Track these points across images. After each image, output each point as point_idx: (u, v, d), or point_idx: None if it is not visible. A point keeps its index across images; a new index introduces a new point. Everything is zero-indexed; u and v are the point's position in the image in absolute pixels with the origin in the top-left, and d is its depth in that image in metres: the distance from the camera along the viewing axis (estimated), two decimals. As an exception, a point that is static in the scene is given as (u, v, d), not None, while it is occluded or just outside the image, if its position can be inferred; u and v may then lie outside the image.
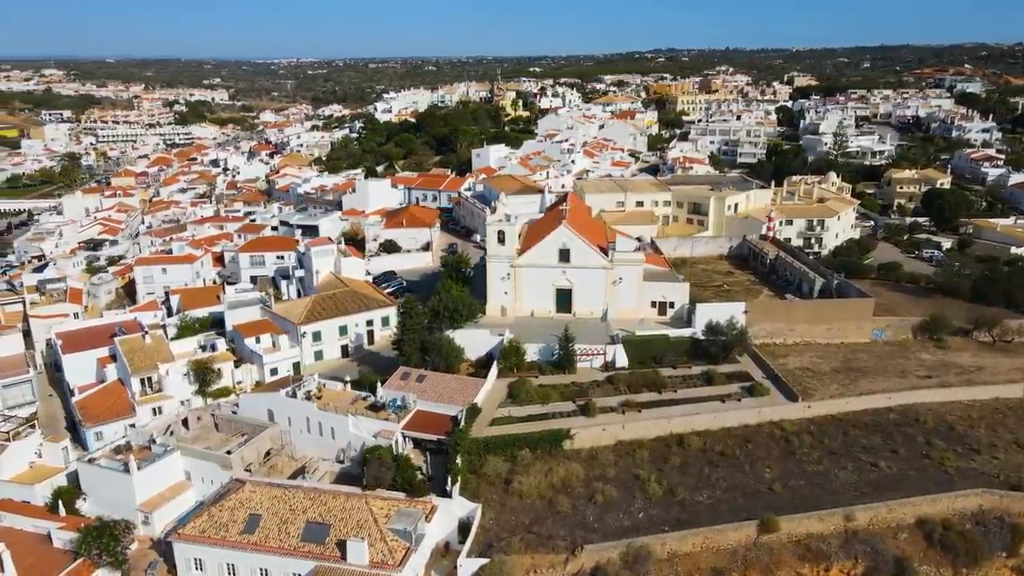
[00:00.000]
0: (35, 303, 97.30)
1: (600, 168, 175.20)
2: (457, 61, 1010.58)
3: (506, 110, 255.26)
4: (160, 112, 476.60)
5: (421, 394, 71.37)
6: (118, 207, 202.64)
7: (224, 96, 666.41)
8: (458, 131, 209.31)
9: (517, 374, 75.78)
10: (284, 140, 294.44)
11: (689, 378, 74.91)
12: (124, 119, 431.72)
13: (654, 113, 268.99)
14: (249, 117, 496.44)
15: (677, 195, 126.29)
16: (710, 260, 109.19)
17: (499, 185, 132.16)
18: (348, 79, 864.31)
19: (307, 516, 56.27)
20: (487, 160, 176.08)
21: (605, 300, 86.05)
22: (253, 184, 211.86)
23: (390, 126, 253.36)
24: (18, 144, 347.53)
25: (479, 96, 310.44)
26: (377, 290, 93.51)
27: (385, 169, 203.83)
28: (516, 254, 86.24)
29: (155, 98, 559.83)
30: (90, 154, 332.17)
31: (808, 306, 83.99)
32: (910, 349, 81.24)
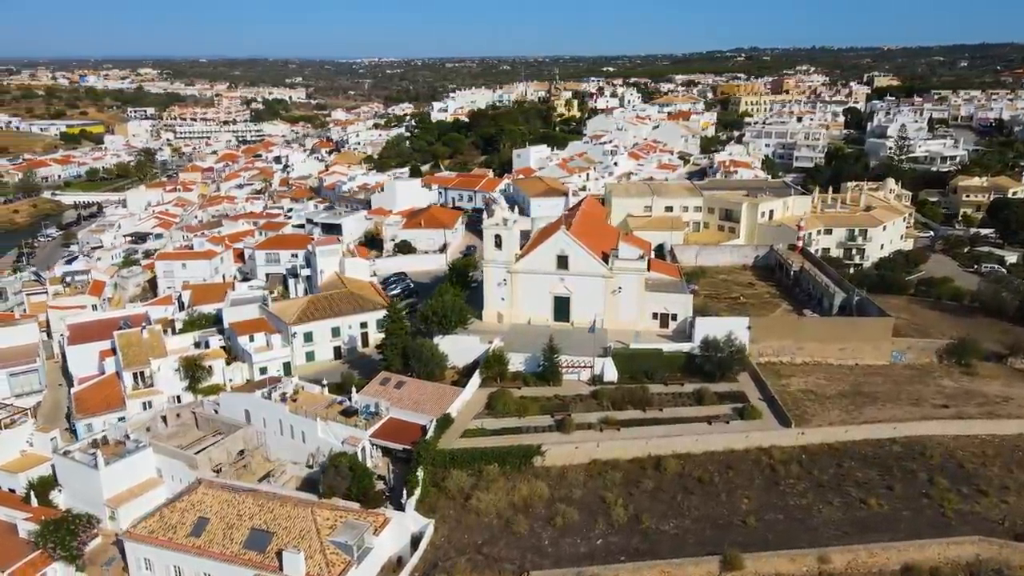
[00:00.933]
0: (59, 294, 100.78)
1: (644, 171, 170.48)
2: (533, 61, 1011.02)
3: (558, 110, 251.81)
4: (237, 110, 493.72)
5: (396, 401, 69.91)
6: (176, 201, 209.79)
7: (301, 95, 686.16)
8: (504, 131, 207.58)
9: (501, 384, 73.35)
10: (344, 138, 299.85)
11: (679, 396, 70.82)
12: (202, 116, 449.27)
13: (713, 114, 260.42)
14: (321, 115, 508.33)
15: (708, 200, 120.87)
16: (733, 270, 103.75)
17: (525, 187, 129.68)
18: (423, 78, 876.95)
19: (253, 523, 55.47)
20: (527, 161, 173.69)
21: (603, 310, 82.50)
22: (304, 181, 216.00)
23: (442, 125, 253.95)
24: (102, 139, 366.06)
25: (537, 96, 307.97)
26: (378, 291, 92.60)
27: (431, 168, 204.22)
28: (515, 259, 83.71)
29: (234, 96, 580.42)
30: (163, 150, 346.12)
31: (818, 324, 78.29)
32: (932, 374, 74.57)
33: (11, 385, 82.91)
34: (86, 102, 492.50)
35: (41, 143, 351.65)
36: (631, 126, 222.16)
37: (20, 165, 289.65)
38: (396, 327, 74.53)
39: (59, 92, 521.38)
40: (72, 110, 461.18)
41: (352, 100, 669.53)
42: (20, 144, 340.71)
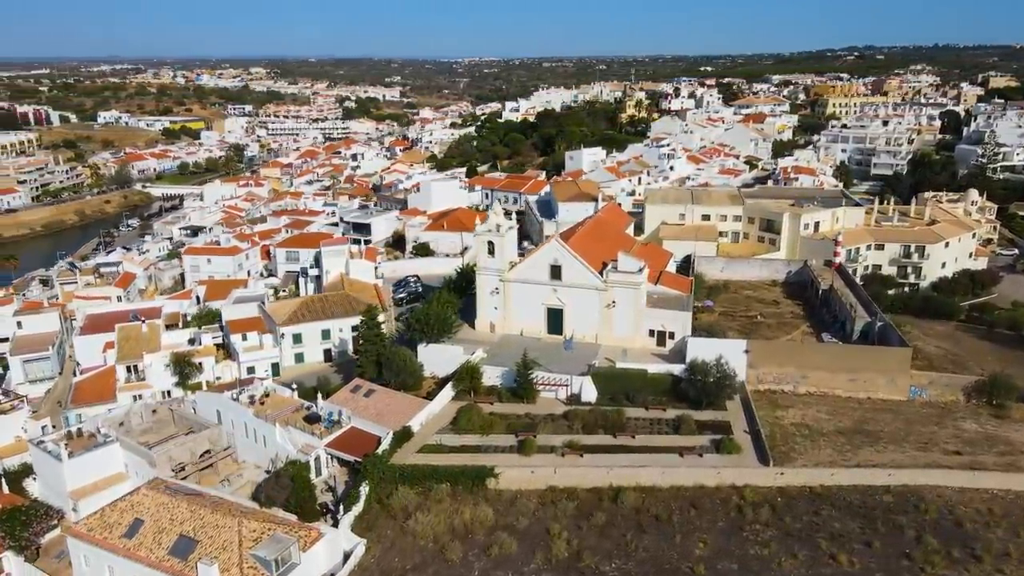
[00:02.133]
0: (89, 284, 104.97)
1: (703, 175, 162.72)
2: (633, 60, 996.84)
3: (628, 111, 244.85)
4: (330, 108, 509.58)
5: (361, 410, 68.13)
6: (246, 196, 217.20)
7: (396, 94, 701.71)
8: (562, 132, 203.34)
9: (474, 399, 70.34)
10: (419, 137, 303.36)
11: (657, 423, 65.70)
12: (295, 114, 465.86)
13: (794, 117, 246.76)
14: (409, 113, 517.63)
15: (748, 210, 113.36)
16: (761, 286, 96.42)
17: (557, 190, 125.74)
18: (517, 77, 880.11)
19: (183, 529, 54.69)
20: (580, 163, 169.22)
21: (597, 324, 78.08)
22: (368, 179, 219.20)
23: (509, 125, 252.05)
24: (199, 135, 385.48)
25: (614, 97, 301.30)
26: (379, 295, 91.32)
27: (489, 168, 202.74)
28: (508, 267, 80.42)
29: (330, 94, 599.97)
30: (250, 145, 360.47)
31: (823, 351, 70.99)
32: (953, 415, 66.19)
33: (26, 371, 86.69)
34: (192, 99, 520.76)
35: (144, 138, 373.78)
36: (700, 128, 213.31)
37: (120, 159, 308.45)
38: (371, 334, 72.76)
39: (170, 90, 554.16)
40: (179, 107, 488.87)
41: (444, 99, 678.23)
42: (125, 138, 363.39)
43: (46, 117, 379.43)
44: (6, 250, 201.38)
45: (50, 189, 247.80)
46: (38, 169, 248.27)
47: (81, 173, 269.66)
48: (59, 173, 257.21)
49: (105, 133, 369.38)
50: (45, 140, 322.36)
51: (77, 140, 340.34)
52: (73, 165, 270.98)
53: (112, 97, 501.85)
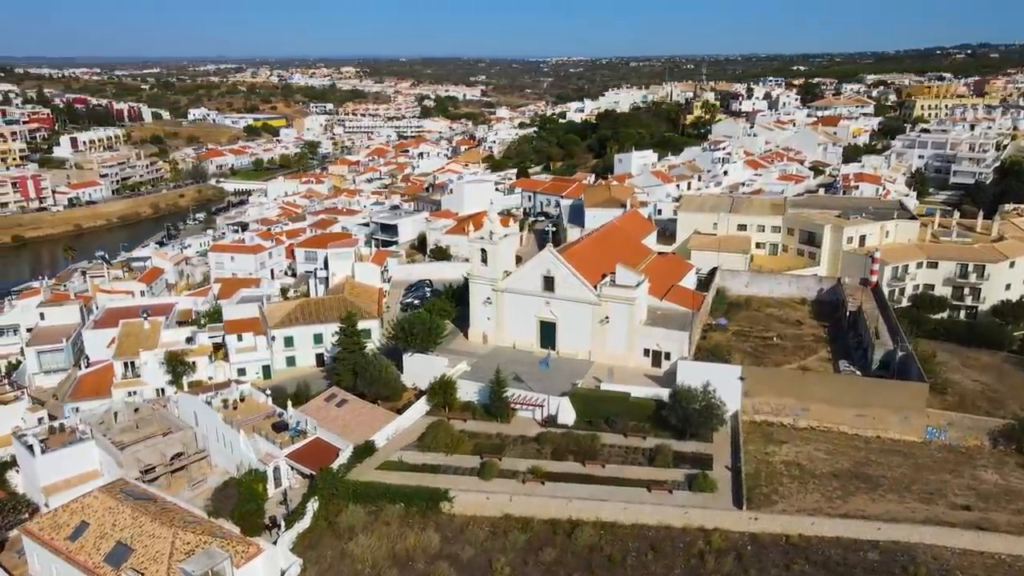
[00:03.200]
0: (117, 278, 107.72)
1: (760, 181, 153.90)
2: (724, 59, 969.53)
3: (695, 112, 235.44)
4: (408, 106, 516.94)
5: (330, 421, 66.27)
6: (305, 193, 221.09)
7: (477, 93, 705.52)
8: (616, 134, 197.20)
9: (448, 414, 67.29)
10: (484, 136, 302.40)
11: (634, 451, 60.86)
12: (372, 112, 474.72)
13: (875, 119, 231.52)
14: (486, 113, 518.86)
15: (788, 220, 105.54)
16: (787, 303, 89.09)
17: (589, 195, 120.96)
18: (600, 77, 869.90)
19: (122, 535, 53.99)
20: (628, 166, 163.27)
21: (589, 340, 73.61)
22: (423, 179, 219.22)
23: (570, 126, 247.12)
24: (278, 132, 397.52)
25: (684, 97, 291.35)
26: (380, 299, 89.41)
27: (542, 170, 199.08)
28: (502, 276, 76.88)
29: (411, 93, 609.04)
30: (324, 143, 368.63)
31: (827, 382, 64.01)
32: (973, 462, 58.39)
33: (40, 362, 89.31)
34: (279, 98, 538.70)
35: (228, 134, 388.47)
36: (766, 131, 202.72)
37: (201, 154, 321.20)
38: (349, 342, 70.69)
39: (260, 88, 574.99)
40: (265, 104, 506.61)
41: (525, 98, 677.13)
42: (209, 135, 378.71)
43: (139, 114, 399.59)
44: (84, 241, 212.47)
45: (130, 183, 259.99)
46: (119, 164, 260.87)
47: (161, 168, 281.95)
48: (140, 168, 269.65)
49: (192, 129, 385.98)
50: (135, 136, 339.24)
51: (165, 136, 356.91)
52: (153, 160, 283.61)
53: (205, 95, 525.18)
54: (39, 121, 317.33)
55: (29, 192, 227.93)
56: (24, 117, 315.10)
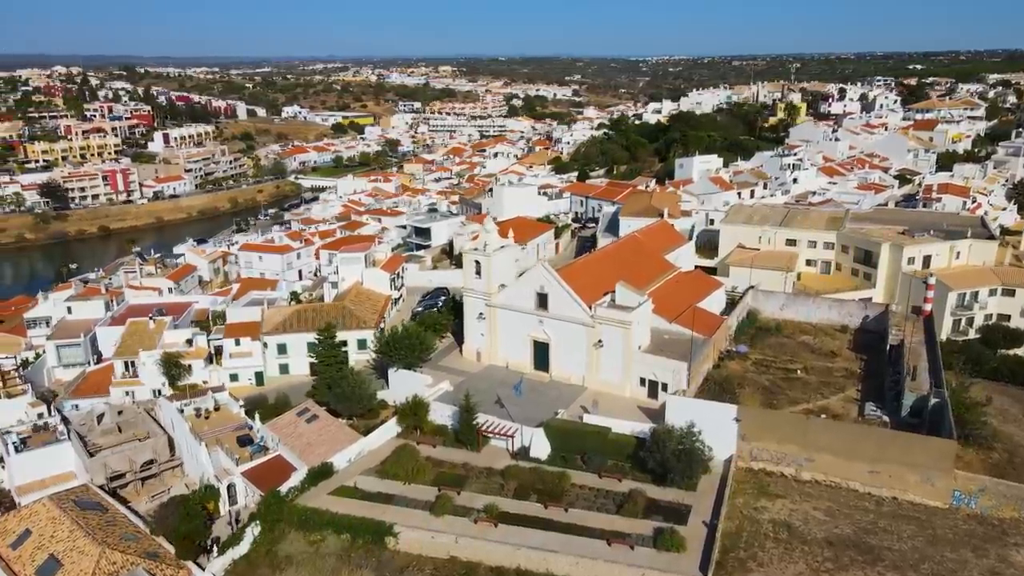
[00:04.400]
0: (150, 275, 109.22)
1: (834, 191, 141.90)
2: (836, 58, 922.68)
3: (778, 114, 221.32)
4: (495, 105, 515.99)
5: (296, 438, 63.22)
6: (371, 191, 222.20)
7: (567, 92, 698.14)
8: (683, 137, 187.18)
9: (418, 437, 62.93)
10: (559, 137, 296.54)
11: (605, 495, 54.57)
12: (458, 111, 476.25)
13: (982, 124, 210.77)
14: (574, 113, 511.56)
15: (843, 237, 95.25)
16: (826, 330, 79.60)
17: (628, 203, 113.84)
18: (698, 76, 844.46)
19: (55, 548, 52.59)
20: (689, 172, 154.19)
21: (583, 365, 67.53)
22: (487, 179, 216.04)
23: (642, 128, 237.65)
24: (363, 130, 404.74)
25: (772, 98, 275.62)
26: (383, 309, 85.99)
27: (606, 173, 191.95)
28: (496, 291, 71.82)
29: (500, 92, 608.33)
30: (403, 141, 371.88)
31: (835, 431, 55.33)
32: (1007, 538, 48.83)
33: (60, 356, 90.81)
34: (370, 96, 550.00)
35: (316, 132, 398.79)
36: (852, 135, 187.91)
37: (287, 150, 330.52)
38: (327, 355, 67.36)
39: (353, 87, 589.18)
40: (357, 103, 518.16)
41: (617, 98, 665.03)
42: (298, 132, 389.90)
43: (233, 111, 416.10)
44: (165, 233, 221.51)
45: (213, 178, 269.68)
46: (204, 159, 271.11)
47: (244, 164, 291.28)
48: (223, 163, 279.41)
49: (282, 126, 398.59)
50: (227, 133, 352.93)
51: (256, 132, 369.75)
52: (237, 156, 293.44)
53: (301, 93, 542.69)
54: (140, 118, 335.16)
55: (118, 185, 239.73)
56: (127, 114, 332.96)
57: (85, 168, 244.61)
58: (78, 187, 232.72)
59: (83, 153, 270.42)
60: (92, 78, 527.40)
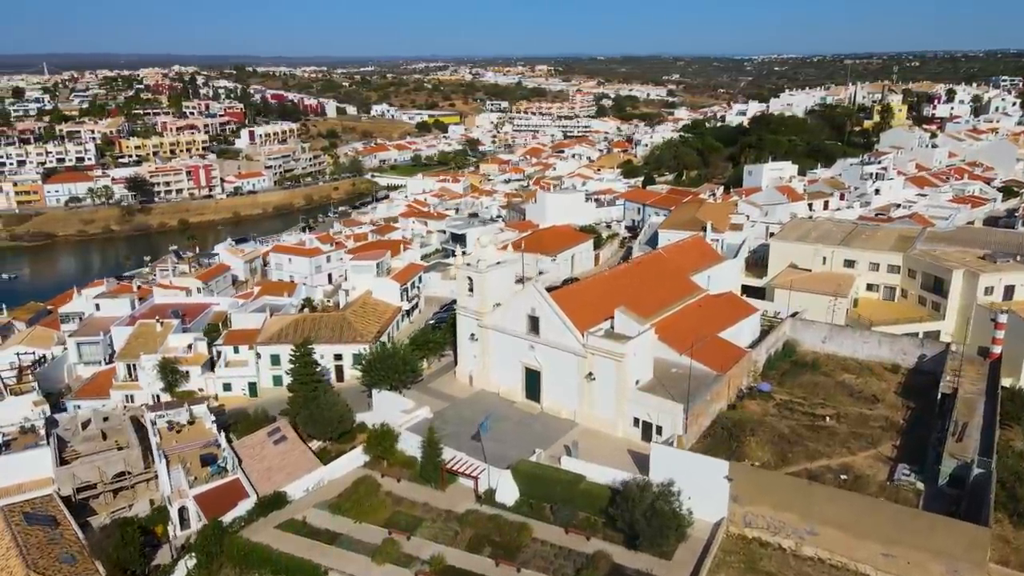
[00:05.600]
0: (184, 274, 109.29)
1: (921, 204, 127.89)
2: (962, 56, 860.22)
3: (874, 117, 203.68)
4: (583, 105, 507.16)
5: (258, 460, 59.63)
6: (438, 191, 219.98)
7: (662, 92, 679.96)
8: (759, 142, 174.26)
9: (384, 469, 57.98)
10: (640, 140, 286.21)
11: (567, 555, 47.73)
12: (545, 111, 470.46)
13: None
14: (664, 113, 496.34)
15: (910, 261, 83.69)
16: (873, 369, 69.16)
17: (674, 214, 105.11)
18: (805, 75, 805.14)
19: (-16, 565, 50.76)
20: (758, 179, 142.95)
21: (575, 397, 60.71)
22: (551, 182, 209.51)
23: (721, 131, 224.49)
24: (447, 128, 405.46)
25: (871, 99, 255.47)
26: (389, 318, 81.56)
27: (675, 179, 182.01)
28: (491, 309, 65.92)
29: (589, 92, 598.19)
30: (483, 141, 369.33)
31: (844, 502, 45.97)
32: (1049, 659, 38.98)
33: (81, 353, 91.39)
34: (459, 95, 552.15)
35: (400, 130, 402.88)
36: (954, 141, 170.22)
37: (368, 148, 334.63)
38: (302, 373, 63.33)
39: (443, 86, 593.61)
40: (445, 102, 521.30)
41: (714, 98, 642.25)
42: (383, 130, 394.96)
43: (322, 109, 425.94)
44: (240, 228, 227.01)
45: (292, 175, 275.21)
46: (284, 156, 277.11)
47: (324, 161, 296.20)
48: (303, 161, 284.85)
49: (368, 125, 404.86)
50: (313, 130, 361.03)
51: (342, 131, 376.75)
52: (317, 153, 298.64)
53: (393, 92, 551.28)
54: (232, 115, 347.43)
55: (200, 180, 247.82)
56: (221, 111, 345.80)
57: (171, 163, 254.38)
58: (163, 182, 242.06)
59: (173, 149, 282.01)
60: (199, 77, 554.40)
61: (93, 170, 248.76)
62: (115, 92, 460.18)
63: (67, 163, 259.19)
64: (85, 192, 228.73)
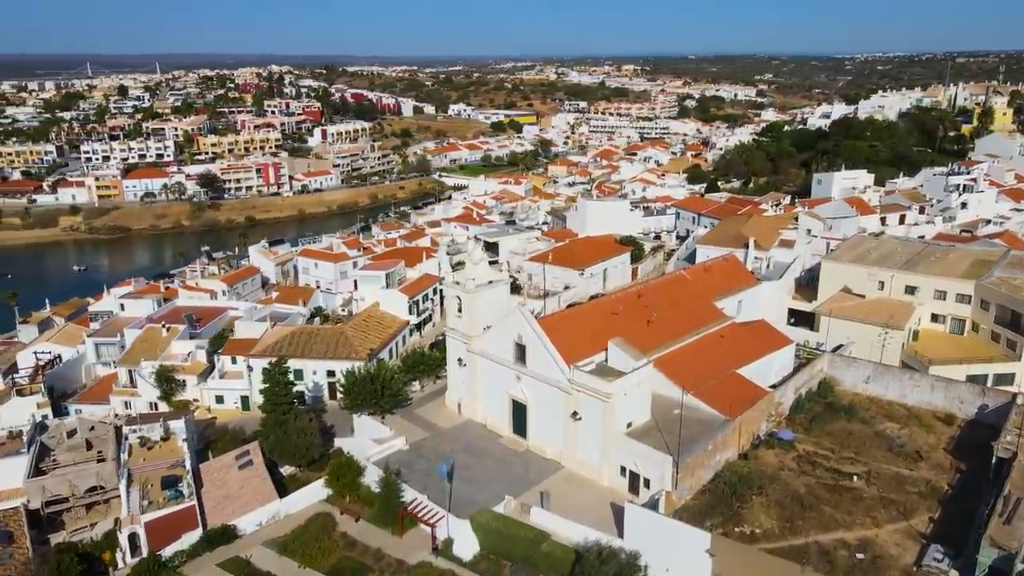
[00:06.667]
0: (212, 275, 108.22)
1: (1015, 220, 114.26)
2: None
3: (973, 121, 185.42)
4: (665, 106, 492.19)
5: (220, 486, 56.13)
6: (498, 194, 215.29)
7: (751, 92, 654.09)
8: (838, 147, 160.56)
9: (345, 505, 53.22)
10: (715, 143, 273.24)
11: (515, 630, 41.63)
12: (624, 111, 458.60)
13: None
14: (750, 115, 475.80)
15: (983, 291, 72.63)
16: (922, 418, 59.40)
17: (718, 228, 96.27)
18: (910, 74, 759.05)
19: (-74, 585, 48.88)
20: (828, 188, 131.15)
21: (561, 437, 54.22)
22: (615, 186, 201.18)
23: (799, 134, 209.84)
24: (521, 128, 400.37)
25: (975, 100, 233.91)
26: (392, 333, 76.87)
27: (742, 186, 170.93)
28: (481, 332, 60.15)
29: (673, 92, 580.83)
30: (556, 142, 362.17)
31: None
32: None
33: (98, 353, 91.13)
34: (538, 95, 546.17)
35: (475, 129, 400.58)
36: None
37: (439, 147, 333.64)
38: (274, 392, 59.25)
39: (523, 86, 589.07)
40: (524, 101, 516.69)
41: (808, 99, 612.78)
42: (457, 129, 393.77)
43: (399, 108, 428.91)
44: (305, 225, 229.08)
45: (359, 173, 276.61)
46: (352, 155, 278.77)
47: (392, 160, 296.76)
48: (371, 159, 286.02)
49: (443, 124, 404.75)
50: (387, 130, 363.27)
51: (417, 129, 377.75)
52: (386, 152, 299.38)
53: (473, 91, 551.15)
54: (309, 114, 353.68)
55: (269, 178, 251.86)
56: (299, 110, 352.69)
57: (243, 161, 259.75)
58: (233, 179, 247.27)
59: (247, 146, 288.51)
60: (289, 76, 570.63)
61: (170, 166, 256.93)
62: (209, 91, 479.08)
63: (148, 159, 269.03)
64: (160, 188, 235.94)
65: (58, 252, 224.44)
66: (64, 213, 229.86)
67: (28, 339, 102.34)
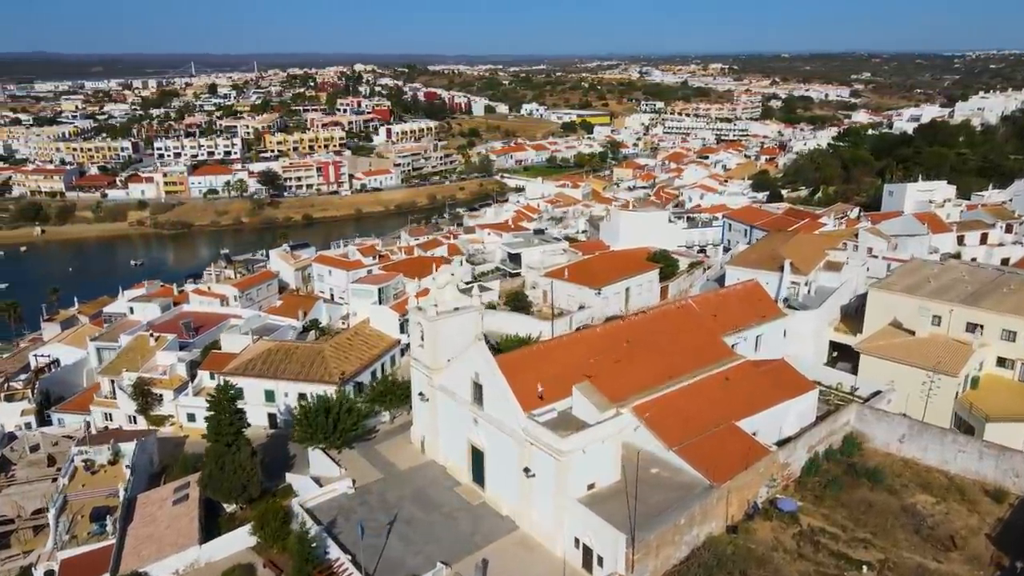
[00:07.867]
0: (227, 279, 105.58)
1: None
2: None
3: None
4: (747, 107, 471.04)
5: (146, 523, 51.66)
6: (554, 197, 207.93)
7: (844, 92, 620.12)
8: (919, 154, 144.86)
9: (271, 556, 47.58)
10: (791, 145, 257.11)
11: None
12: (703, 111, 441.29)
13: None
14: (839, 116, 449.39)
15: (1056, 331, 60.80)
16: (963, 491, 48.81)
17: (759, 245, 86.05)
18: (1021, 75, 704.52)
19: None
20: (899, 202, 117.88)
21: (516, 492, 46.93)
22: (675, 191, 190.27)
23: (883, 139, 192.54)
24: (592, 129, 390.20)
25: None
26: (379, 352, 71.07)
27: (810, 194, 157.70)
28: (444, 365, 53.48)
29: (758, 92, 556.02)
30: (627, 143, 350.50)
31: None
32: None
33: (100, 357, 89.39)
34: (615, 94, 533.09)
35: (545, 129, 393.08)
36: None
37: (505, 148, 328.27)
38: (219, 423, 54.11)
39: (599, 85, 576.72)
40: (599, 101, 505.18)
41: (908, 99, 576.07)
42: (527, 129, 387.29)
43: (469, 107, 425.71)
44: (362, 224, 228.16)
45: (421, 173, 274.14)
46: (413, 155, 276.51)
47: (455, 160, 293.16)
48: (433, 159, 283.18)
49: (513, 124, 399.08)
50: (456, 129, 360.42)
51: (486, 129, 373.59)
52: (449, 152, 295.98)
53: (549, 91, 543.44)
54: (378, 113, 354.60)
55: (329, 176, 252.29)
56: (369, 109, 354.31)
57: (305, 159, 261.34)
58: (294, 176, 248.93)
59: (312, 144, 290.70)
60: (367, 75, 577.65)
61: (235, 164, 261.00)
62: (290, 88, 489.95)
63: (216, 156, 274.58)
64: (223, 185, 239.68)
65: (125, 246, 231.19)
66: (133, 208, 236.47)
67: (49, 338, 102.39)
